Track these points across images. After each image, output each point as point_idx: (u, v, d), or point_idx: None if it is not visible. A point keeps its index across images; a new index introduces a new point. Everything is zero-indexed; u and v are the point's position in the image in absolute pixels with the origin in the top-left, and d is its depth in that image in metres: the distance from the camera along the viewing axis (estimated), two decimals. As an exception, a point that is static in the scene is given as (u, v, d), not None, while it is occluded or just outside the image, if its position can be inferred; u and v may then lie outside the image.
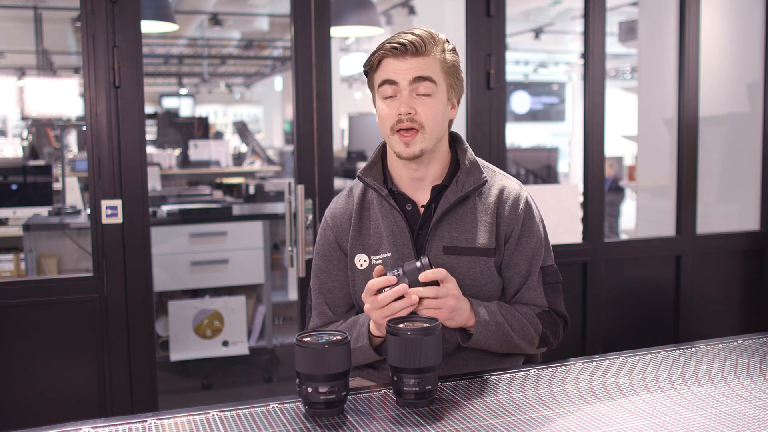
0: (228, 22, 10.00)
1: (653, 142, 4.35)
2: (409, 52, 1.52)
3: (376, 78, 1.58)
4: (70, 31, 9.67)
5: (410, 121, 1.52)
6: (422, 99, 1.53)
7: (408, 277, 1.44)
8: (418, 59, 1.53)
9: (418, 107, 1.53)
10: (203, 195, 5.54)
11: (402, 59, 1.53)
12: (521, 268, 1.62)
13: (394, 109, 1.54)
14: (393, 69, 1.53)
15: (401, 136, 1.54)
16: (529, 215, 1.64)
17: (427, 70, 1.53)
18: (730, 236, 3.45)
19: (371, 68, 1.58)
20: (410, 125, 1.53)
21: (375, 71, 1.58)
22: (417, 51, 1.52)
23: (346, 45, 11.84)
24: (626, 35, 6.08)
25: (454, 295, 1.46)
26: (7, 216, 3.94)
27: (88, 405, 2.52)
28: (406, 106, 1.52)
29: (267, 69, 16.00)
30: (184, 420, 1.30)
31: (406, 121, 1.52)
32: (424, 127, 1.53)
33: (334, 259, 1.68)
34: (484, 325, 1.51)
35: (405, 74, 1.52)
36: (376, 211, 1.64)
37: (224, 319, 3.90)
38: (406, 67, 1.52)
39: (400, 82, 1.53)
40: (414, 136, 1.53)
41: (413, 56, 1.52)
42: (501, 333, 1.53)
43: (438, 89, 1.55)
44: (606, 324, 3.18)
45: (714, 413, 1.30)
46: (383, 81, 1.55)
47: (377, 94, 1.58)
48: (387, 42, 1.54)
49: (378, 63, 1.56)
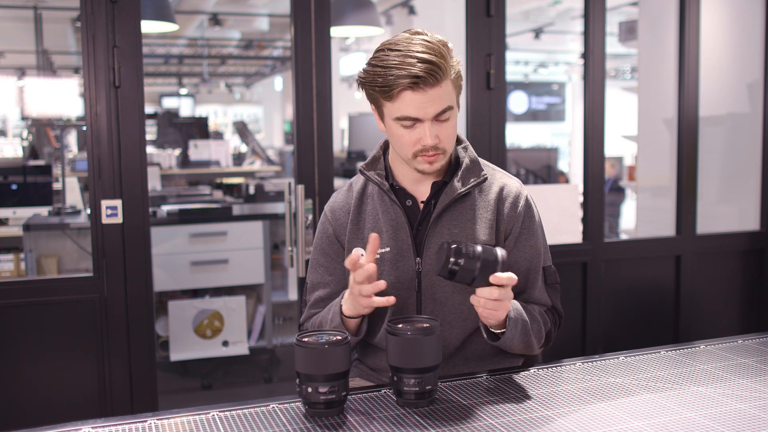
0: (228, 22, 9.99)
1: (653, 142, 4.35)
2: (429, 83, 1.45)
3: (391, 107, 1.51)
4: (70, 31, 9.67)
5: (434, 149, 1.52)
6: (443, 125, 1.51)
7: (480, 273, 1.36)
8: (437, 89, 1.47)
9: (441, 134, 1.51)
10: (203, 195, 5.54)
11: (422, 92, 1.46)
12: (520, 266, 1.62)
13: (415, 136, 1.51)
14: (414, 105, 1.47)
15: (425, 157, 1.53)
16: (529, 214, 1.64)
17: (447, 100, 1.49)
18: (730, 236, 3.45)
19: (386, 96, 1.49)
20: (434, 152, 1.52)
21: (391, 100, 1.50)
22: (436, 80, 1.46)
23: (346, 45, 11.84)
24: (626, 35, 6.08)
25: (511, 297, 1.44)
26: (7, 216, 3.94)
27: (88, 405, 2.52)
28: (432, 138, 1.50)
29: (267, 69, 16.00)
30: (184, 420, 1.30)
31: (431, 150, 1.52)
32: (446, 150, 1.55)
33: (332, 253, 1.68)
34: (513, 323, 1.49)
35: (428, 109, 1.48)
36: (375, 206, 1.64)
37: (224, 319, 3.90)
38: (427, 99, 1.47)
39: (422, 117, 1.49)
40: (437, 156, 1.54)
41: (432, 87, 1.46)
42: (524, 331, 1.52)
43: (454, 109, 1.53)
44: (606, 324, 3.18)
45: (714, 413, 1.30)
46: (404, 116, 1.49)
47: (393, 121, 1.52)
48: (400, 69, 1.44)
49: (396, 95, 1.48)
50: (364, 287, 1.44)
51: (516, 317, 1.50)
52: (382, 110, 1.54)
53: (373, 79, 1.49)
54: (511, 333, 1.49)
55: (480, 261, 1.35)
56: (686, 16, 3.24)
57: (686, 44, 3.25)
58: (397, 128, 1.52)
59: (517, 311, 1.51)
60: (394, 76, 1.45)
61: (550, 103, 17.10)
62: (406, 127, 1.51)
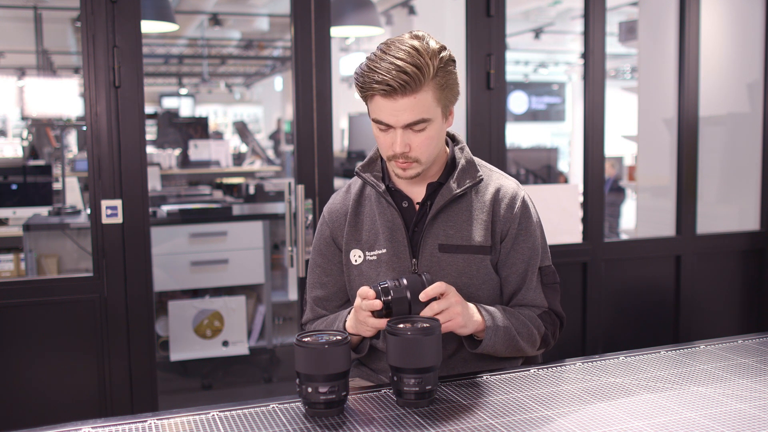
0: (228, 22, 9.99)
1: (653, 142, 4.34)
2: (399, 93, 1.44)
3: (369, 107, 1.53)
4: (70, 31, 9.67)
5: (404, 157, 1.52)
6: (416, 134, 1.50)
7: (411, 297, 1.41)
8: (409, 99, 1.45)
9: (413, 142, 1.50)
10: (203, 195, 5.55)
11: (393, 100, 1.45)
12: (518, 268, 1.62)
13: (389, 140, 1.51)
14: (385, 111, 1.47)
15: (397, 163, 1.54)
16: (525, 214, 1.64)
17: (419, 112, 1.47)
18: (730, 236, 3.45)
19: (363, 96, 1.52)
20: (405, 160, 1.52)
21: (367, 102, 1.52)
22: (408, 90, 1.44)
23: (346, 45, 11.83)
24: (626, 35, 6.08)
25: (458, 301, 1.45)
26: (7, 216, 3.94)
27: (88, 405, 2.52)
28: (401, 146, 1.49)
29: (267, 69, 15.99)
30: (184, 420, 1.30)
31: (401, 158, 1.52)
32: (419, 159, 1.53)
33: (329, 255, 1.69)
34: (493, 330, 1.51)
35: (399, 116, 1.47)
36: (372, 207, 1.65)
37: (224, 319, 3.90)
38: (399, 108, 1.46)
39: (393, 124, 1.49)
40: (410, 164, 1.53)
41: (404, 96, 1.45)
42: (507, 337, 1.53)
43: (432, 121, 1.50)
44: (606, 324, 3.18)
45: (714, 413, 1.30)
46: (375, 119, 1.51)
47: (372, 120, 1.54)
48: (378, 74, 1.45)
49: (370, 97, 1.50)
50: (369, 319, 1.45)
51: (496, 325, 1.51)
52: (367, 108, 1.57)
53: (357, 77, 1.51)
54: (491, 340, 1.51)
55: (408, 289, 1.41)
56: (686, 16, 3.24)
57: (686, 44, 3.25)
58: (375, 129, 1.54)
59: (495, 318, 1.52)
60: (371, 79, 1.46)
61: (550, 103, 17.10)
62: (381, 129, 1.52)
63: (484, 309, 1.53)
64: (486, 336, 1.50)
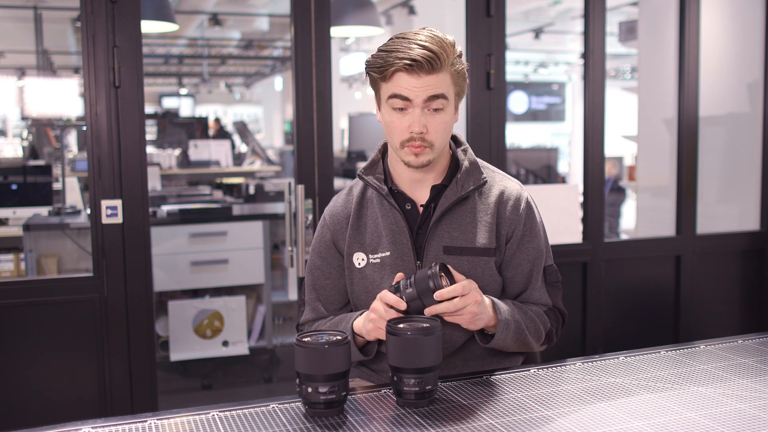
0: (228, 22, 9.99)
1: (653, 142, 4.34)
2: (425, 69, 1.48)
3: (385, 87, 1.53)
4: (70, 31, 9.67)
5: (421, 140, 1.52)
6: (433, 115, 1.52)
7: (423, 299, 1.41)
8: (433, 76, 1.49)
9: (430, 124, 1.52)
10: (203, 195, 5.54)
11: (416, 76, 1.48)
12: (523, 268, 1.62)
13: (405, 123, 1.52)
14: (407, 85, 1.49)
15: (411, 147, 1.53)
16: (530, 216, 1.64)
17: (441, 88, 1.50)
18: (730, 236, 3.45)
19: (382, 76, 1.53)
20: (421, 143, 1.52)
21: (386, 81, 1.53)
22: (432, 68, 1.48)
23: (346, 45, 11.83)
24: (626, 35, 6.08)
25: (477, 301, 1.44)
26: (7, 216, 3.94)
27: (88, 405, 2.52)
28: (419, 125, 1.50)
29: (267, 69, 15.99)
30: (184, 420, 1.30)
31: (417, 140, 1.52)
32: (434, 144, 1.54)
33: (329, 258, 1.68)
34: (505, 325, 1.51)
35: (419, 92, 1.49)
36: (375, 210, 1.64)
37: (224, 319, 3.90)
38: (421, 84, 1.49)
39: (414, 99, 1.50)
40: (424, 149, 1.53)
41: (428, 73, 1.48)
42: (518, 332, 1.54)
43: (448, 103, 1.53)
44: (606, 324, 3.18)
45: (714, 413, 1.30)
46: (395, 94, 1.51)
47: (386, 103, 1.54)
48: (400, 52, 1.48)
49: (391, 75, 1.51)
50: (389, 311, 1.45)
51: (507, 319, 1.52)
52: (380, 94, 1.56)
53: (374, 61, 1.53)
54: (503, 334, 1.51)
55: (415, 287, 1.41)
56: (686, 16, 3.24)
57: (686, 44, 3.25)
58: (389, 113, 1.54)
59: (508, 313, 1.53)
60: (393, 57, 1.49)
61: (550, 103, 17.09)
62: (396, 109, 1.52)
63: (495, 304, 1.53)
64: (498, 330, 1.51)
